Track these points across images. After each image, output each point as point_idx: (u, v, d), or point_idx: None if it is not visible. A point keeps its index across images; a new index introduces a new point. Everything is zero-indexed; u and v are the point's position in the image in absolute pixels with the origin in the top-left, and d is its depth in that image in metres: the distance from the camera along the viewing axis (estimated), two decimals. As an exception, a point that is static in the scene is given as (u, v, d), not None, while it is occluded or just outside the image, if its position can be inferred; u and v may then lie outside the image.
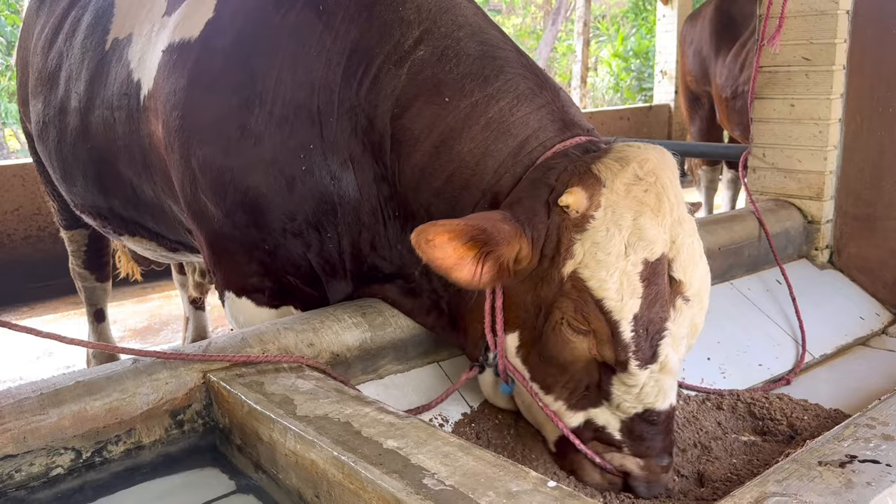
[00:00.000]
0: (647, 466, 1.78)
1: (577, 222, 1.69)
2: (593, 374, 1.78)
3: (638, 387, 1.73)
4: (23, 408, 1.66)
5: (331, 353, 2.03)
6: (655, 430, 1.78)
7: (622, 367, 1.71)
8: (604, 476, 1.82)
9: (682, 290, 1.73)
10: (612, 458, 1.80)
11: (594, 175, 1.71)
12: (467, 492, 1.23)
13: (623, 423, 1.78)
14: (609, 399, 1.77)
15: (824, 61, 3.18)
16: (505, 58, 2.04)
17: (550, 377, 1.81)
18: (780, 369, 2.66)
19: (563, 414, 1.82)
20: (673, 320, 1.72)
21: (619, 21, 17.15)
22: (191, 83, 2.29)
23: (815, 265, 3.33)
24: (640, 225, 1.67)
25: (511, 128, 1.92)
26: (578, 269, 1.68)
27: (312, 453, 1.48)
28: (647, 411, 1.76)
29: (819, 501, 1.16)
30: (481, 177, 1.91)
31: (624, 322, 1.67)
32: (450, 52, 2.02)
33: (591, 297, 1.68)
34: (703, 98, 6.07)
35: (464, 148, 1.93)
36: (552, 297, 1.73)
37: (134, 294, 5.91)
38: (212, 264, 2.44)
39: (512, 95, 1.95)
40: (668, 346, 1.71)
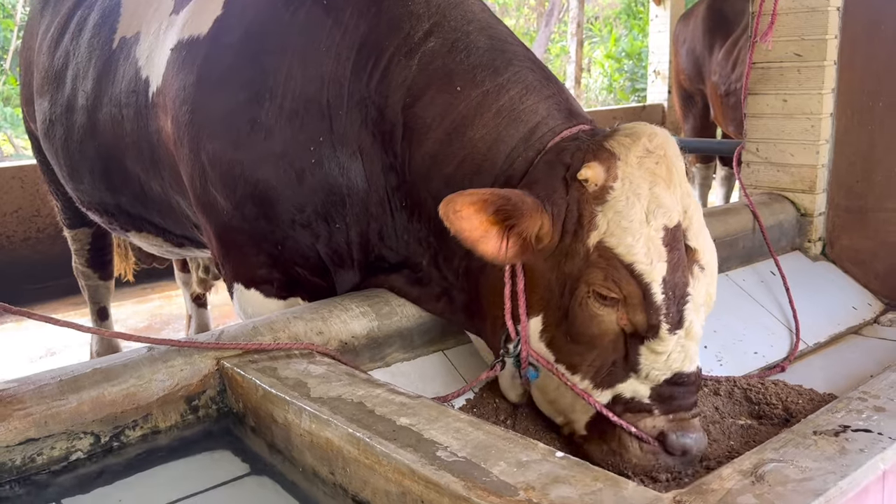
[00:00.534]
0: (676, 419, 1.80)
1: (597, 194, 1.75)
2: (619, 348, 1.81)
3: (667, 353, 1.76)
4: (43, 393, 1.71)
5: (339, 342, 2.09)
6: (685, 390, 1.81)
7: (654, 331, 1.74)
8: (643, 449, 1.81)
9: (697, 257, 1.80)
10: (644, 424, 1.81)
11: (608, 150, 1.77)
12: (479, 462, 1.29)
13: (653, 391, 1.80)
14: (637, 370, 1.80)
15: (816, 57, 3.25)
16: (513, 52, 2.12)
17: (577, 356, 1.83)
18: (774, 357, 2.72)
19: (591, 393, 1.84)
20: (693, 286, 1.78)
21: (612, 22, 17.25)
22: (200, 79, 2.34)
23: (809, 257, 3.40)
24: (657, 194, 1.75)
25: (521, 115, 1.98)
26: (604, 238, 1.74)
27: (328, 432, 1.53)
28: (676, 374, 1.78)
29: (814, 466, 1.22)
30: (493, 162, 1.97)
31: (655, 284, 1.72)
32: (460, 44, 2.08)
33: (620, 263, 1.73)
34: (697, 96, 6.15)
35: (476, 134, 1.99)
36: (578, 270, 1.77)
37: (134, 294, 5.94)
38: (220, 257, 2.49)
39: (521, 86, 2.03)
40: (691, 311, 1.77)
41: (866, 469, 1.22)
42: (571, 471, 1.25)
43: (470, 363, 2.30)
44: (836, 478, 1.18)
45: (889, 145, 3.21)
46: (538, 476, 1.24)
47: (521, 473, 1.25)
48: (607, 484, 1.20)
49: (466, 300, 2.09)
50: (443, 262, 2.11)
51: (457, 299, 2.12)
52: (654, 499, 1.14)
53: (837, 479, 1.18)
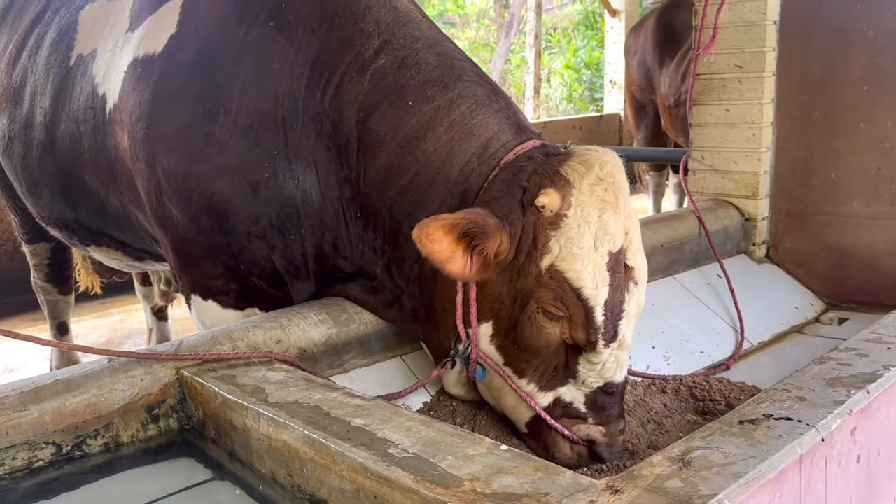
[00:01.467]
0: (608, 433, 1.99)
1: (552, 220, 1.87)
2: (561, 356, 1.97)
3: (601, 363, 1.94)
4: (4, 405, 1.74)
5: (298, 349, 2.15)
6: (614, 400, 2.00)
7: (591, 347, 1.90)
8: (573, 448, 2.00)
9: (633, 274, 1.95)
10: (578, 430, 2.00)
11: (563, 177, 1.88)
12: (428, 457, 1.36)
13: (587, 397, 1.99)
14: (575, 377, 1.97)
15: (755, 68, 3.41)
16: (461, 67, 2.22)
17: (524, 362, 1.97)
18: (720, 356, 2.84)
19: (535, 395, 1.99)
20: (627, 302, 1.93)
21: (571, 33, 17.53)
22: (155, 95, 2.39)
23: (753, 260, 3.55)
24: (605, 221, 1.88)
25: (473, 129, 2.08)
26: (556, 262, 1.86)
27: (285, 435, 1.59)
28: (607, 384, 1.97)
29: (737, 452, 1.32)
30: (447, 175, 2.06)
31: (597, 308, 1.87)
32: (410, 60, 2.17)
33: (569, 287, 1.86)
34: (649, 106, 6.32)
35: (429, 148, 2.08)
36: (529, 288, 1.90)
37: (94, 309, 5.90)
38: (178, 269, 2.53)
39: (471, 100, 2.12)
40: (626, 325, 1.93)
41: (784, 453, 1.32)
42: (514, 462, 1.33)
43: (427, 368, 2.37)
44: (755, 462, 1.28)
45: (825, 152, 3.37)
46: (483, 468, 1.32)
47: (467, 466, 1.33)
48: (546, 473, 1.28)
49: (416, 306, 2.17)
50: (395, 270, 2.19)
51: (406, 306, 2.20)
52: (589, 485, 1.23)
53: (757, 462, 1.28)
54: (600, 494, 1.20)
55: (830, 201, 3.40)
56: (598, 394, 1.99)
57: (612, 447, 2.01)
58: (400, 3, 2.32)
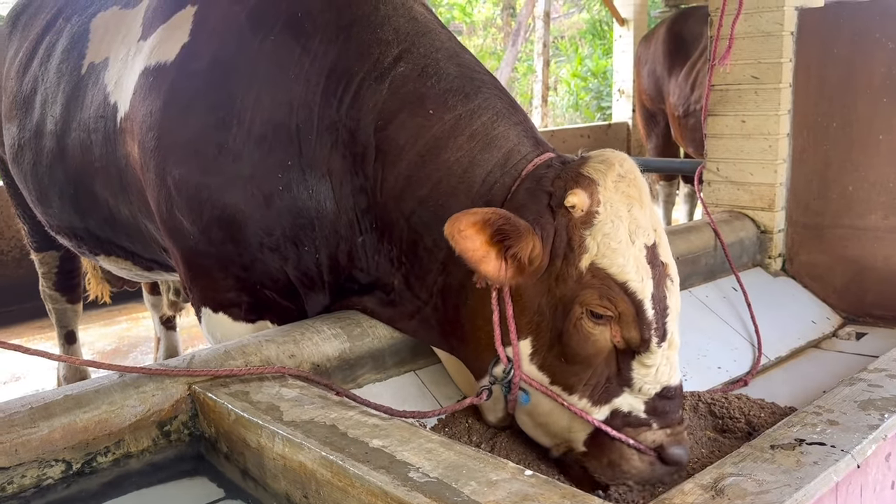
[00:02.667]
0: (673, 434, 1.89)
1: (584, 219, 1.83)
2: (612, 365, 1.88)
3: (655, 366, 1.85)
4: (13, 421, 1.70)
5: (311, 364, 2.11)
6: (674, 403, 1.91)
7: (645, 346, 1.83)
8: (642, 459, 1.87)
9: (668, 271, 1.91)
10: (644, 437, 1.88)
11: (587, 177, 1.86)
12: (451, 482, 1.32)
13: (647, 405, 1.88)
14: (630, 385, 1.88)
15: (772, 80, 3.37)
16: (481, 79, 2.19)
17: (573, 376, 1.88)
18: (737, 371, 2.79)
19: (589, 410, 1.89)
20: (669, 299, 1.88)
21: (578, 41, 17.52)
22: (167, 104, 2.36)
23: (769, 273, 3.50)
24: (635, 215, 1.85)
25: (495, 140, 2.05)
26: (596, 259, 1.82)
27: (301, 455, 1.55)
28: (665, 389, 1.88)
29: (771, 479, 1.27)
30: (469, 185, 2.02)
31: (646, 301, 1.82)
32: (430, 69, 2.14)
33: (614, 283, 1.81)
34: (659, 116, 6.29)
35: (451, 157, 2.05)
36: (571, 292, 1.84)
37: (101, 317, 5.88)
38: (188, 280, 2.50)
39: (492, 112, 2.10)
40: (673, 322, 1.88)
41: (820, 481, 1.27)
42: (540, 489, 1.28)
43: (441, 382, 2.34)
44: (791, 490, 1.24)
45: (843, 164, 3.33)
46: (508, 494, 1.27)
47: (491, 492, 1.28)
48: (574, 500, 1.24)
49: (442, 319, 2.12)
50: (415, 282, 2.14)
51: (431, 318, 2.15)
52: (619, 514, 1.18)
53: (793, 491, 1.23)
54: (631, 524, 1.16)
55: (848, 214, 3.35)
56: (658, 400, 1.89)
57: (682, 445, 1.89)
58: (419, 14, 2.30)
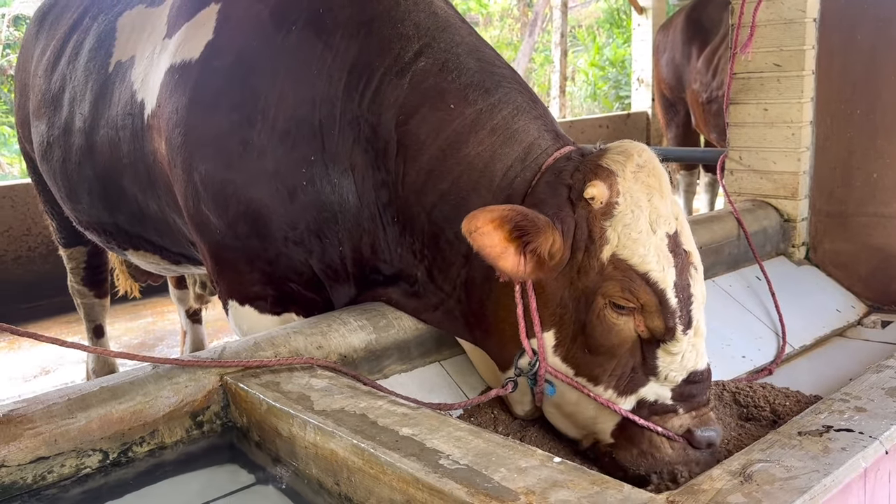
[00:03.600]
0: (699, 415, 1.90)
1: (604, 211, 1.84)
2: (637, 354, 1.89)
3: (681, 353, 1.86)
4: (52, 412, 1.75)
5: (339, 355, 2.14)
6: (701, 387, 1.92)
7: (670, 334, 1.84)
8: (673, 447, 1.88)
9: (691, 259, 1.91)
10: (671, 424, 1.88)
11: (605, 168, 1.86)
12: (481, 469, 1.35)
13: (674, 391, 1.89)
14: (656, 373, 1.88)
15: (794, 67, 3.34)
16: (501, 73, 2.21)
17: (598, 367, 1.89)
18: (762, 360, 2.79)
19: (617, 401, 1.90)
20: (693, 287, 1.89)
21: (595, 31, 17.42)
22: (192, 101, 2.39)
23: (793, 262, 3.49)
24: (655, 204, 1.85)
25: (515, 134, 2.06)
26: (617, 250, 1.82)
27: (332, 443, 1.58)
28: (691, 374, 1.88)
29: (799, 465, 1.28)
30: (490, 179, 2.04)
31: (669, 290, 1.82)
32: (450, 64, 2.15)
33: (636, 274, 1.81)
34: (679, 105, 6.25)
35: (472, 151, 2.06)
36: (593, 284, 1.85)
37: (126, 311, 5.96)
38: (215, 274, 2.54)
39: (512, 106, 2.11)
40: (697, 310, 1.88)
41: (848, 467, 1.28)
42: (569, 475, 1.31)
43: (466, 373, 2.36)
44: (819, 476, 1.25)
45: (866, 152, 3.30)
46: (538, 481, 1.29)
47: (521, 479, 1.31)
48: (604, 487, 1.26)
49: (466, 311, 2.14)
50: (438, 274, 2.17)
51: (454, 310, 2.17)
52: (649, 500, 1.20)
53: (821, 476, 1.24)
54: (661, 509, 1.18)
55: (872, 202, 3.33)
56: (685, 386, 1.89)
57: (709, 426, 1.89)
58: (439, 9, 2.31)
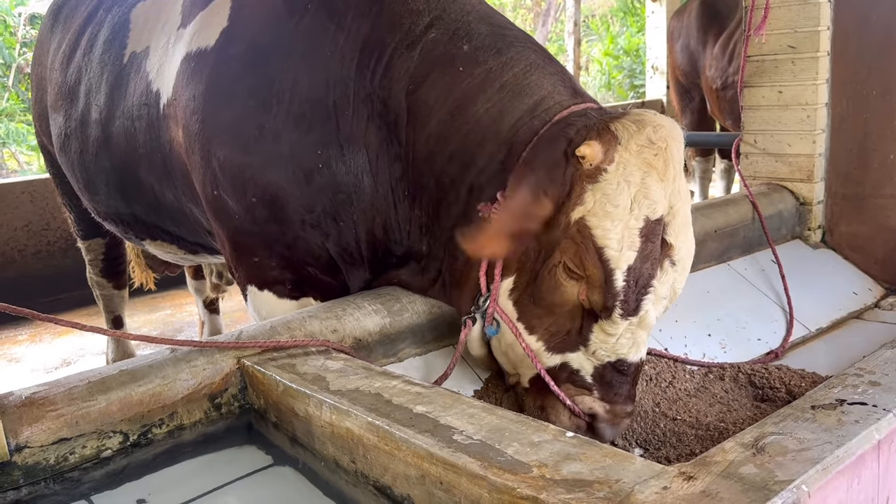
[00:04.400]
0: (612, 411, 1.92)
1: (591, 173, 1.80)
2: (576, 319, 1.90)
3: (616, 336, 1.85)
4: (73, 395, 1.78)
5: (353, 339, 2.16)
6: (624, 380, 1.92)
7: (607, 313, 1.82)
8: (571, 419, 1.92)
9: (671, 253, 1.86)
10: (581, 400, 1.92)
11: (611, 132, 1.82)
12: (494, 444, 1.36)
13: (596, 369, 1.91)
14: (587, 345, 1.90)
15: (809, 48, 3.32)
16: (514, 35, 2.19)
17: (536, 318, 1.92)
18: (777, 343, 2.78)
19: (542, 354, 1.93)
20: (658, 279, 1.84)
21: (609, 19, 17.31)
22: (209, 89, 2.42)
23: (809, 245, 3.47)
24: (647, 185, 1.79)
25: (526, 89, 2.04)
26: (586, 216, 1.79)
27: (348, 422, 1.60)
28: (619, 361, 1.89)
29: (812, 437, 1.29)
30: (497, 132, 2.02)
31: (618, 272, 1.78)
32: (461, 31, 2.15)
33: (592, 245, 1.79)
34: (694, 91, 6.21)
35: (480, 108, 2.05)
36: (556, 239, 1.84)
37: (145, 304, 6.03)
38: (233, 260, 2.56)
39: (525, 62, 2.09)
40: (650, 302, 1.84)
41: (861, 438, 1.28)
42: (582, 448, 1.32)
43: (480, 356, 2.37)
44: (832, 447, 1.25)
45: (883, 133, 3.27)
46: (550, 454, 1.31)
47: (534, 453, 1.32)
48: (616, 459, 1.27)
49: (450, 274, 2.16)
50: (434, 243, 2.19)
51: (445, 276, 2.19)
52: (661, 471, 1.21)
53: (834, 448, 1.24)
54: (673, 480, 1.18)
55: (889, 183, 3.30)
56: (608, 369, 1.90)
57: (614, 426, 1.93)
58: None
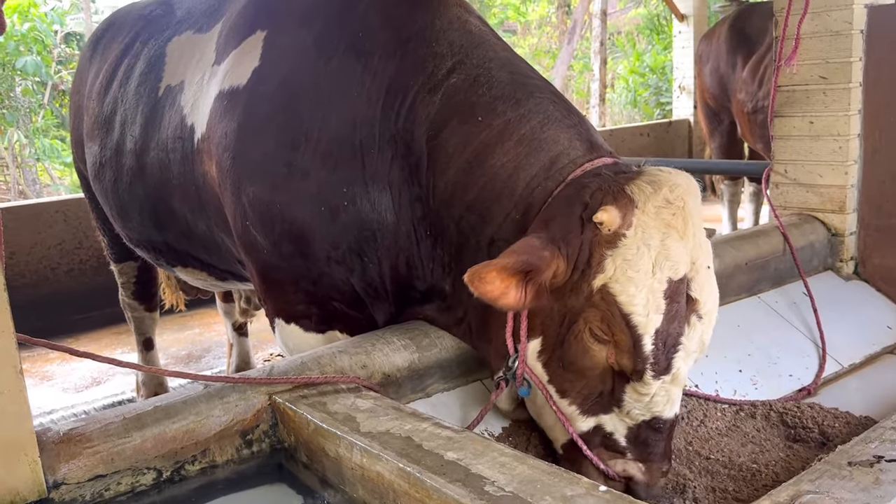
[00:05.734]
0: (648, 470, 1.91)
1: (610, 239, 1.81)
2: (607, 381, 1.90)
3: (649, 395, 1.85)
4: (109, 431, 1.81)
5: (382, 374, 2.17)
6: (660, 437, 1.91)
7: (638, 376, 1.83)
8: (606, 482, 1.91)
9: (697, 307, 1.86)
10: (615, 464, 1.92)
11: (628, 196, 1.82)
12: (526, 497, 1.36)
13: (630, 430, 1.90)
14: (620, 406, 1.89)
15: (841, 79, 3.29)
16: (534, 85, 2.21)
17: (567, 382, 1.92)
18: (809, 379, 2.75)
19: (575, 418, 1.93)
20: (686, 335, 1.84)
21: (635, 37, 17.29)
22: (240, 126, 2.46)
23: (841, 277, 3.42)
24: (667, 246, 1.79)
25: (542, 144, 2.06)
26: (609, 283, 1.80)
27: (378, 466, 1.61)
28: (654, 419, 1.89)
29: (849, 498, 1.27)
30: (513, 189, 2.04)
31: (646, 336, 1.79)
32: (482, 78, 2.18)
33: (618, 311, 1.79)
34: (723, 114, 6.18)
35: (497, 162, 2.08)
36: (579, 306, 1.85)
37: (174, 322, 6.09)
38: (262, 293, 2.60)
39: (542, 115, 2.11)
40: (681, 359, 1.84)
41: (900, 499, 1.27)
42: (614, 504, 1.31)
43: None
44: (870, 508, 1.23)
45: (918, 164, 3.23)
46: (583, 509, 1.30)
47: (566, 507, 1.32)
48: (649, 516, 1.26)
49: (475, 321, 2.17)
50: (459, 286, 2.18)
51: (471, 321, 2.20)
52: (695, 531, 1.20)
53: (872, 509, 1.23)
54: (708, 541, 1.17)
55: (924, 215, 3.26)
56: (643, 428, 1.90)
57: (650, 486, 1.92)
58: (473, 27, 2.34)
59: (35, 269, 6.36)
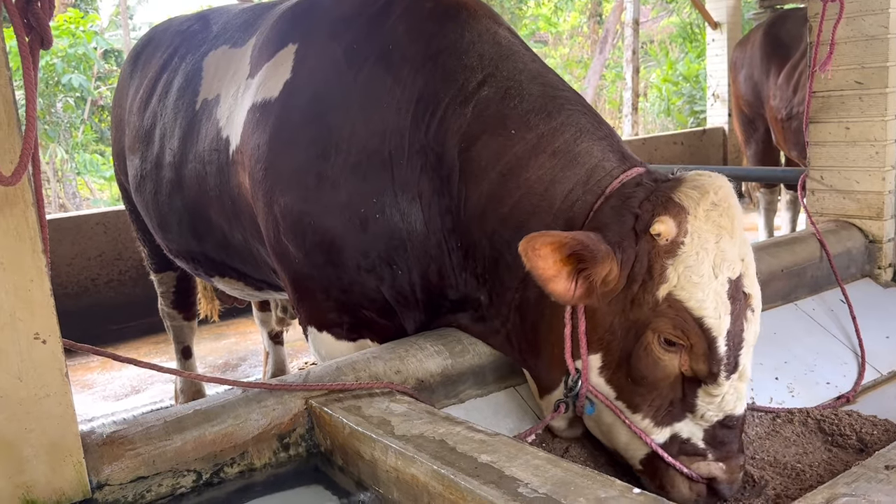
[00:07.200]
0: (729, 468, 1.93)
1: (668, 248, 1.84)
2: (678, 389, 1.92)
3: (721, 396, 1.88)
4: (150, 434, 1.86)
5: (416, 380, 2.20)
6: (734, 434, 1.94)
7: (713, 378, 1.86)
8: (692, 488, 1.94)
9: (751, 302, 1.91)
10: (697, 467, 1.94)
11: (677, 204, 1.86)
12: (560, 498, 1.37)
13: (706, 432, 1.93)
14: (693, 411, 1.92)
15: (877, 84, 3.26)
16: (565, 97, 2.23)
17: (638, 396, 1.93)
18: (847, 387, 2.71)
19: (651, 431, 1.94)
20: (746, 331, 1.88)
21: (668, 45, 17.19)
22: (272, 138, 2.51)
23: (879, 283, 3.37)
24: (722, 247, 1.84)
25: (577, 157, 2.08)
26: (674, 291, 1.83)
27: (413, 468, 1.63)
28: (727, 417, 1.91)
29: (886, 501, 1.26)
30: (550, 203, 2.06)
31: (720, 338, 1.83)
32: (513, 91, 2.20)
33: (690, 317, 1.83)
34: (758, 121, 6.12)
35: (532, 175, 2.10)
36: (645, 318, 1.87)
37: (211, 332, 6.19)
38: (295, 302, 2.64)
39: (575, 128, 2.13)
40: (746, 355, 1.89)
41: (939, 503, 1.25)
42: (648, 506, 1.32)
43: (540, 398, 2.37)
44: (908, 512, 1.22)
45: (958, 169, 3.18)
46: (616, 511, 1.31)
47: (599, 508, 1.32)
48: (683, 518, 1.26)
49: (519, 335, 2.18)
50: (496, 298, 2.21)
51: (511, 334, 2.21)
52: (729, 533, 1.20)
53: (910, 513, 1.22)
54: (742, 543, 1.17)
55: (965, 221, 3.20)
56: (718, 428, 1.93)
57: (732, 483, 1.95)
58: (503, 39, 2.37)
59: (76, 280, 6.51)
